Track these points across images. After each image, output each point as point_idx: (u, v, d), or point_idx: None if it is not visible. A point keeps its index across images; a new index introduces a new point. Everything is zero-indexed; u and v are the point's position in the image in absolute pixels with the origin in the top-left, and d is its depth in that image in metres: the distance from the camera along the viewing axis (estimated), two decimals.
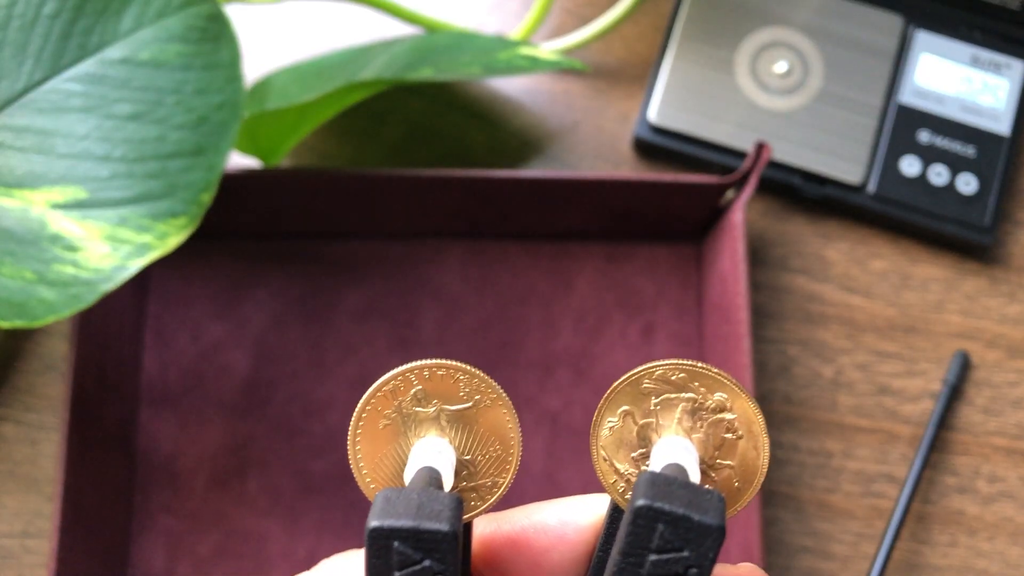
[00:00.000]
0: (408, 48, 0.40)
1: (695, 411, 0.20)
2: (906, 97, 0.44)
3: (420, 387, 0.21)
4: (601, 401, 0.21)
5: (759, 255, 0.43)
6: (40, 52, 0.32)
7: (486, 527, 0.22)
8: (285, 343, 0.42)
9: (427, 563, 0.18)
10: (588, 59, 0.45)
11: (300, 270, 0.42)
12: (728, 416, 0.20)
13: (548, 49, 0.43)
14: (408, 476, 0.20)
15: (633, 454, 0.21)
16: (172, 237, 0.32)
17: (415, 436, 0.21)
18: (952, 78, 0.44)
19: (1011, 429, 0.42)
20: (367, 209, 0.41)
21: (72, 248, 0.32)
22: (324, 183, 0.40)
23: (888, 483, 0.41)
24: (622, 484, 0.21)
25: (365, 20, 0.46)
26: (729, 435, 0.20)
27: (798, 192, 0.43)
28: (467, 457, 0.21)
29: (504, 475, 0.21)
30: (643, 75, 0.45)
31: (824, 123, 0.43)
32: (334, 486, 0.40)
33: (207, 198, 0.33)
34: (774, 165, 0.43)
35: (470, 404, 0.21)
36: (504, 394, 0.21)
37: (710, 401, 0.20)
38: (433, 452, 0.21)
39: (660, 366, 0.20)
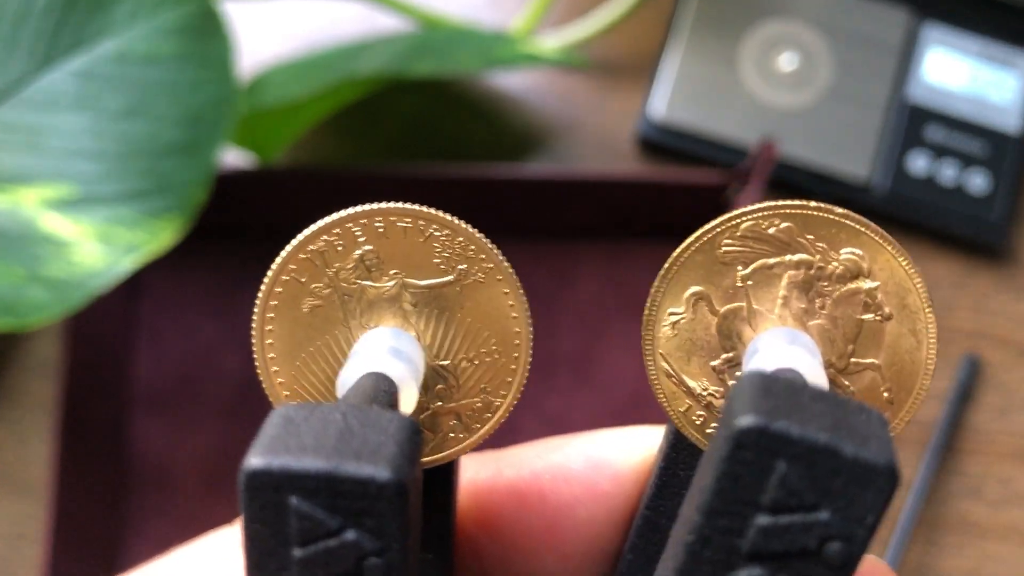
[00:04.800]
0: (407, 43, 0.40)
1: (810, 282, 0.13)
2: (914, 93, 0.43)
3: (370, 247, 0.13)
4: (655, 281, 0.14)
5: None
6: (32, 47, 0.32)
7: (480, 471, 0.15)
8: None
9: (350, 536, 0.11)
10: (590, 54, 0.45)
11: None
12: (866, 284, 0.13)
13: (549, 45, 0.42)
14: (343, 388, 0.13)
15: (714, 362, 0.13)
16: (165, 235, 0.32)
17: (361, 327, 0.13)
18: (961, 73, 0.43)
19: (1022, 430, 0.41)
20: None
21: (64, 246, 0.31)
22: (321, 181, 0.39)
23: None
24: (699, 412, 0.13)
25: (362, 16, 0.45)
26: (869, 316, 0.13)
27: (804, 190, 0.42)
28: (444, 362, 0.14)
29: (504, 392, 0.14)
30: (646, 71, 0.45)
31: (830, 119, 0.43)
32: None
33: (201, 196, 0.32)
34: (779, 163, 0.42)
35: (451, 278, 0.14)
36: (506, 263, 0.14)
37: (834, 264, 0.13)
38: (386, 352, 0.13)
39: (748, 214, 0.13)
